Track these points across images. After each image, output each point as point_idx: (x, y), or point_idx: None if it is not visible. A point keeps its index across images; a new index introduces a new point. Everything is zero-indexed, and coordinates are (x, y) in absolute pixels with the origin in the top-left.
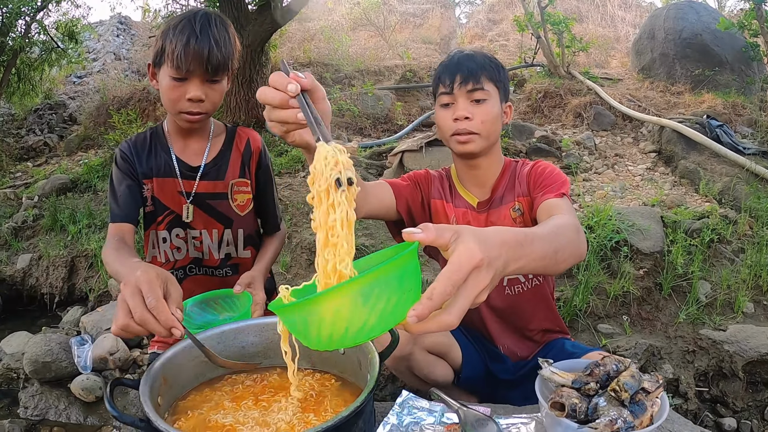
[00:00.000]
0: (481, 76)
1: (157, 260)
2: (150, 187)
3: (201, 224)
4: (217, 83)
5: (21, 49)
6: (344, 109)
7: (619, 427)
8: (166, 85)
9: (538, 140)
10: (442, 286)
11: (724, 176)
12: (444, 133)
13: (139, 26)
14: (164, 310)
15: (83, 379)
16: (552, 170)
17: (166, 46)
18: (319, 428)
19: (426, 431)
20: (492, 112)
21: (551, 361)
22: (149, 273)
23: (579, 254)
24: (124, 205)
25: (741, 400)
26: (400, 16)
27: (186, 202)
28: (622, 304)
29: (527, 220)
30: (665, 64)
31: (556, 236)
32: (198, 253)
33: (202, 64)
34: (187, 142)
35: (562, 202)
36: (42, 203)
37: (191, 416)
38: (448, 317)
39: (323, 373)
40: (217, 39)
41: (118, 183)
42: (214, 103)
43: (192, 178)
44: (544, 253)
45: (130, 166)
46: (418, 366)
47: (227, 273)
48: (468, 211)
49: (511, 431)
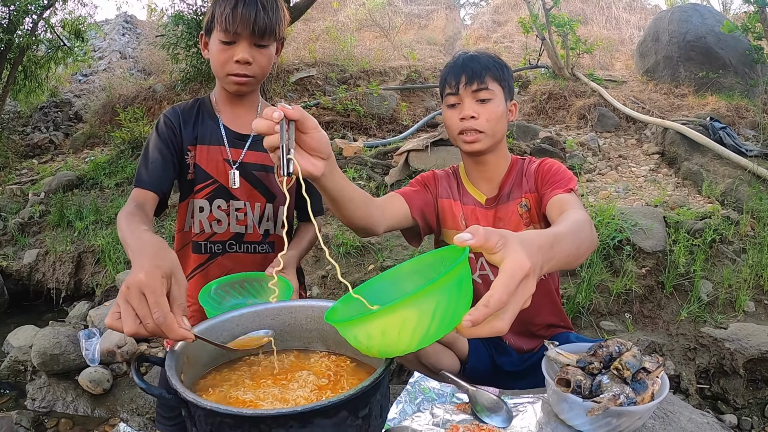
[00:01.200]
0: (486, 76)
1: (192, 231)
2: (193, 154)
3: (246, 195)
4: (264, 48)
5: (28, 47)
6: (349, 109)
7: (621, 402)
8: (216, 49)
9: (542, 141)
10: (499, 294)
11: (727, 178)
12: (451, 132)
13: (144, 25)
14: (172, 326)
15: (91, 371)
16: (559, 167)
17: (215, 11)
18: (341, 396)
19: (437, 410)
20: (497, 111)
21: (557, 342)
22: (152, 276)
23: (593, 247)
24: (153, 173)
25: (741, 397)
26: (405, 17)
27: (232, 168)
28: (625, 301)
29: (534, 216)
30: (669, 67)
31: (577, 233)
32: (240, 227)
33: (248, 26)
34: (235, 110)
35: (570, 197)
36: (48, 199)
37: (212, 393)
38: (501, 323)
39: (338, 355)
40: (264, 4)
41: (153, 150)
42: (262, 67)
43: (240, 147)
44: (569, 251)
45: (173, 133)
46: (426, 355)
47: (267, 250)
48: (476, 208)
49: (519, 410)
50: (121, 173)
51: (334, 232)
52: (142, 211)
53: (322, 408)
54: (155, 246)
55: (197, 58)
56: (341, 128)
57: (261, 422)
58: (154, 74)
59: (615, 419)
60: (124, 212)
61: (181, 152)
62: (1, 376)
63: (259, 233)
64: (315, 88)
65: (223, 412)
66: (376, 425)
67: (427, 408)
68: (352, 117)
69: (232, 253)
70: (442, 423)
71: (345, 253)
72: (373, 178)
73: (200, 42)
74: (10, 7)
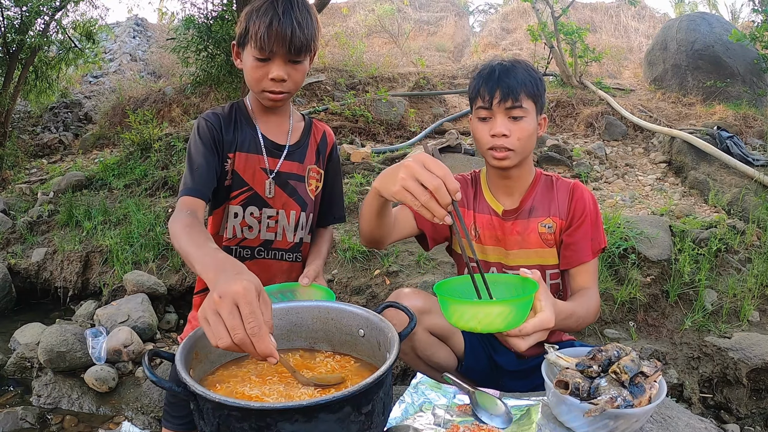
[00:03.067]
0: (521, 94)
1: (225, 236)
2: (232, 161)
3: (280, 204)
4: (299, 64)
5: (39, 48)
6: (358, 115)
7: (618, 404)
8: (250, 65)
9: (549, 149)
10: (529, 329)
11: (734, 187)
12: (481, 146)
13: (155, 28)
14: (264, 338)
15: (97, 369)
16: (596, 212)
17: (249, 27)
18: (346, 392)
19: (438, 410)
20: (529, 129)
21: (556, 346)
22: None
23: (591, 323)
24: (200, 180)
25: (745, 406)
26: (415, 24)
27: (268, 178)
28: (629, 310)
29: (557, 239)
30: (677, 75)
31: (585, 316)
32: (270, 234)
33: (284, 45)
34: (271, 119)
35: (594, 266)
36: (57, 199)
37: (220, 388)
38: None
39: (343, 355)
40: (300, 21)
41: (196, 155)
42: (297, 82)
43: (277, 156)
44: (570, 326)
45: (215, 136)
46: (421, 346)
47: (297, 258)
48: (492, 218)
49: (519, 411)
50: (130, 174)
51: (340, 237)
52: (199, 223)
53: (326, 403)
54: (238, 265)
55: (207, 61)
56: (349, 134)
57: (267, 415)
58: (164, 77)
59: (612, 421)
60: (180, 223)
61: (223, 156)
62: (8, 373)
63: (288, 241)
64: (324, 94)
65: (230, 405)
66: (378, 422)
67: (429, 408)
68: (361, 123)
69: (260, 259)
70: (443, 423)
71: (351, 258)
72: None
73: (232, 51)
74: (23, 8)
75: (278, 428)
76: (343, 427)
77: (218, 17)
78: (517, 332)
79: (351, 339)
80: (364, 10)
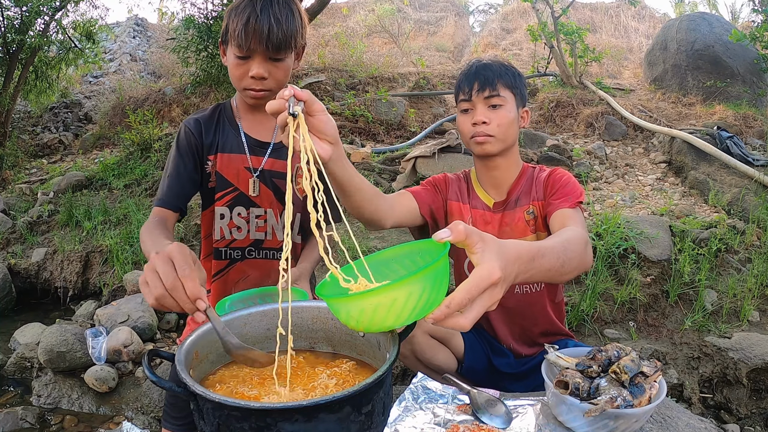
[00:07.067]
0: (497, 84)
1: (213, 238)
2: (214, 162)
3: (267, 203)
4: (280, 61)
5: (39, 48)
6: (358, 115)
7: (618, 405)
8: (232, 62)
9: (549, 149)
10: (460, 298)
11: (734, 187)
12: (464, 137)
13: (155, 29)
14: (194, 280)
15: (97, 369)
16: (569, 179)
17: (229, 24)
18: (346, 392)
19: (438, 410)
20: (508, 117)
21: (556, 346)
22: (182, 247)
23: (584, 267)
24: (171, 191)
25: (745, 406)
26: (415, 24)
27: (252, 176)
28: (629, 310)
29: (539, 224)
30: (677, 75)
31: (564, 250)
32: (260, 234)
33: (262, 42)
34: (256, 117)
35: (575, 213)
36: (57, 199)
37: (220, 389)
38: (463, 320)
39: (343, 356)
40: (278, 17)
41: (172, 166)
42: (278, 80)
43: (261, 154)
44: (551, 266)
45: (194, 142)
46: (421, 349)
47: None
48: (485, 212)
49: (518, 411)
50: (130, 174)
51: (338, 237)
52: (164, 227)
53: (326, 403)
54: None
55: (207, 61)
56: (349, 134)
57: (267, 415)
58: (164, 77)
59: (612, 422)
60: (146, 227)
61: (202, 161)
62: (8, 372)
63: (278, 240)
64: (324, 94)
65: (230, 405)
66: (378, 422)
67: (429, 408)
68: (361, 123)
69: (251, 259)
70: (443, 423)
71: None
72: (381, 184)
73: (219, 49)
74: (23, 8)
75: (278, 428)
76: (343, 427)
77: (218, 17)
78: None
79: (351, 339)
80: (364, 10)
